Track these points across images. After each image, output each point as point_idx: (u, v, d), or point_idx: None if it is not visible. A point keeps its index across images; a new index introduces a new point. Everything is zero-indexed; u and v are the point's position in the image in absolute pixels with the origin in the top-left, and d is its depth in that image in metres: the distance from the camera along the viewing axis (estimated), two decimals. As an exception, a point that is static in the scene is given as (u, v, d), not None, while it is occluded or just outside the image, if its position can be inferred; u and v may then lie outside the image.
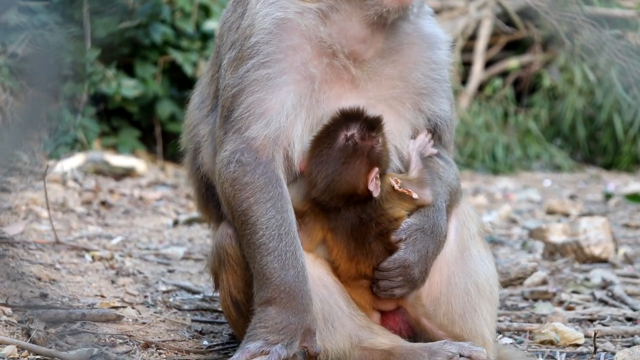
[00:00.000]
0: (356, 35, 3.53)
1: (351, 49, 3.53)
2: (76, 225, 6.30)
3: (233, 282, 3.60)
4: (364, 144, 3.49)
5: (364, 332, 3.53)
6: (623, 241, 6.84)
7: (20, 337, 3.83)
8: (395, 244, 3.52)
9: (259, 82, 3.46)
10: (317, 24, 3.50)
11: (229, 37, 3.61)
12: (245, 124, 3.47)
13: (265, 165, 3.45)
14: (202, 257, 5.77)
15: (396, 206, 3.55)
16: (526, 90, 12.97)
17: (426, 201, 3.57)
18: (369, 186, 3.49)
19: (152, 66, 9.40)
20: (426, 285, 3.63)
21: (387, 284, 3.53)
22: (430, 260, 3.56)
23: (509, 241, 6.87)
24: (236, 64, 3.52)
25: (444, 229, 3.59)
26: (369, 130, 3.49)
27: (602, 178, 11.20)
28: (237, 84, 3.49)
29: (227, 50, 3.59)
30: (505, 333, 4.50)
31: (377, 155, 3.52)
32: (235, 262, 3.57)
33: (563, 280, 5.54)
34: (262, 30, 3.48)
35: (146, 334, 4.09)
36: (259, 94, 3.46)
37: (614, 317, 4.79)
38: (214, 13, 9.45)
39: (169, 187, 8.25)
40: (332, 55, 3.51)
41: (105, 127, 9.41)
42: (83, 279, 4.85)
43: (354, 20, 3.51)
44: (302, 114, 3.49)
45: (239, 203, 3.45)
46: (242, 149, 3.46)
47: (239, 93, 3.48)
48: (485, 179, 10.91)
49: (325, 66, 3.50)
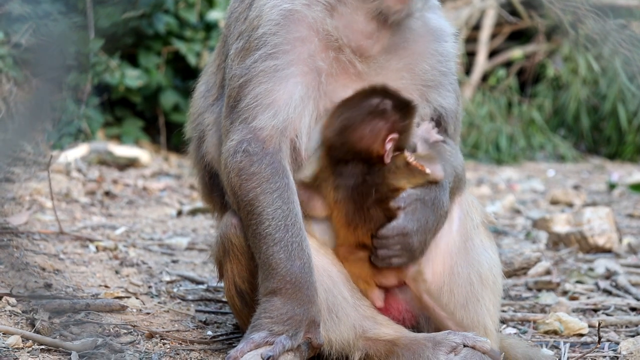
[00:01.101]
0: (362, 30, 3.52)
1: (358, 44, 3.52)
2: (80, 215, 6.31)
3: (237, 271, 3.60)
4: (393, 114, 3.51)
5: (368, 323, 3.53)
6: (627, 231, 6.83)
7: (24, 327, 3.84)
8: (394, 210, 3.51)
9: (267, 73, 3.46)
10: (324, 16, 3.49)
11: (236, 28, 3.61)
12: (253, 114, 3.46)
13: (272, 156, 3.45)
14: (206, 247, 5.77)
15: (401, 179, 3.55)
16: (530, 80, 12.95)
17: (438, 176, 3.56)
18: (383, 150, 3.50)
19: (155, 56, 9.40)
20: (429, 275, 3.62)
21: (385, 253, 3.51)
22: (430, 232, 3.54)
23: (512, 231, 6.86)
24: (243, 54, 3.52)
25: (445, 204, 3.57)
26: (402, 108, 3.52)
27: (605, 168, 11.18)
28: (244, 74, 3.49)
29: (235, 40, 3.58)
30: (509, 323, 4.50)
31: (401, 128, 3.52)
32: (239, 252, 3.56)
33: (567, 270, 5.54)
34: (269, 22, 3.48)
35: (150, 324, 4.09)
36: (267, 85, 3.46)
37: (617, 307, 4.79)
38: (218, 3, 9.43)
39: (173, 177, 8.25)
40: (339, 50, 3.50)
41: (109, 117, 9.41)
42: (87, 269, 4.85)
43: (360, 14, 3.51)
44: (309, 105, 3.49)
45: (245, 193, 3.45)
46: (249, 138, 3.45)
47: (246, 83, 3.48)
48: (489, 169, 10.90)
49: (331, 60, 3.49)
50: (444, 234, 3.65)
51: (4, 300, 4.07)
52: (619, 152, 11.86)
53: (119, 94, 9.18)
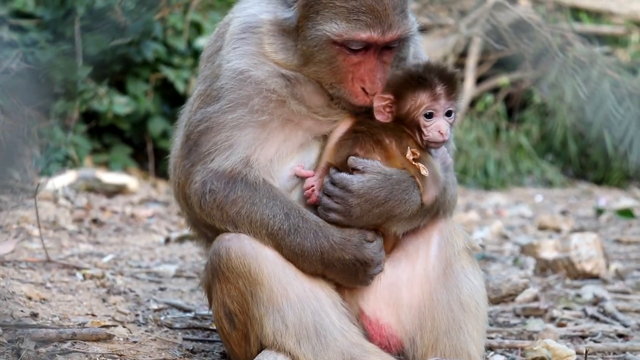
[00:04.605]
0: (319, 104, 3.66)
1: (316, 105, 3.65)
2: (67, 243, 6.28)
3: (227, 291, 3.60)
4: (425, 99, 3.57)
5: (356, 350, 3.53)
6: (614, 257, 6.85)
7: (10, 357, 3.81)
8: (351, 168, 3.56)
9: (225, 124, 3.62)
10: (280, 84, 3.62)
11: (204, 68, 3.80)
12: (212, 157, 3.62)
13: (242, 180, 3.58)
14: (194, 274, 5.75)
15: (396, 155, 3.59)
16: (517, 106, 13.01)
17: (429, 197, 3.60)
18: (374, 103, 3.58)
19: (143, 83, 9.41)
20: (406, 297, 3.66)
21: (326, 202, 3.56)
22: (378, 207, 3.54)
23: (500, 257, 6.87)
24: (204, 99, 3.69)
25: (410, 197, 3.55)
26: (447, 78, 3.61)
27: (593, 193, 11.22)
28: (205, 121, 3.65)
29: (201, 80, 3.77)
30: (497, 350, 4.49)
31: (413, 120, 3.58)
32: (227, 270, 3.57)
33: (554, 296, 5.54)
34: (226, 76, 3.65)
35: (137, 353, 4.07)
36: (226, 133, 3.61)
37: (605, 333, 4.79)
38: (206, 30, 9.47)
39: (161, 204, 8.24)
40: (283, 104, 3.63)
41: (96, 144, 9.40)
42: (74, 297, 4.83)
43: (315, 93, 3.64)
44: (273, 138, 3.62)
45: (236, 215, 3.58)
46: (211, 177, 3.60)
47: (207, 130, 3.64)
48: (477, 195, 10.93)
49: (281, 112, 3.63)
50: (420, 258, 3.68)
51: (-10, 330, 4.05)
52: (606, 178, 11.92)
53: (107, 120, 9.18)
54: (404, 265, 3.71)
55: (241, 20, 3.69)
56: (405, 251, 3.71)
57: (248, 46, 3.64)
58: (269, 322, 3.52)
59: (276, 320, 3.51)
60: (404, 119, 3.58)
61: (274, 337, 3.51)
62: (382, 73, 3.56)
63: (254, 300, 3.53)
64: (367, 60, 3.53)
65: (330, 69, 3.55)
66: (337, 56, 3.52)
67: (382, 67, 3.56)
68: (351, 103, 3.59)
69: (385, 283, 3.70)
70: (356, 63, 3.53)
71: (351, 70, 3.53)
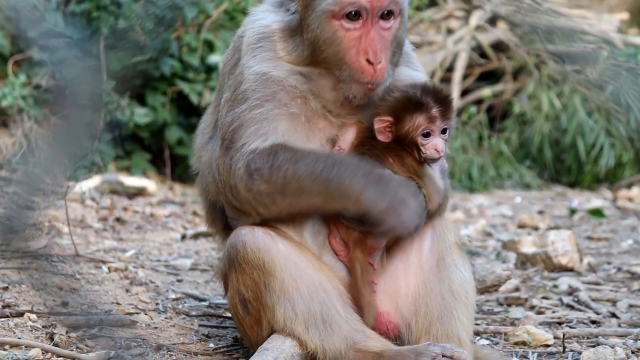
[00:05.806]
0: (333, 100, 3.61)
1: (328, 102, 3.61)
2: (94, 239, 6.29)
3: (242, 280, 3.59)
4: (423, 121, 3.54)
5: (358, 335, 3.54)
6: (587, 252, 6.85)
7: (44, 341, 3.83)
8: None
9: (254, 118, 3.56)
10: (299, 81, 3.59)
11: (226, 79, 3.74)
12: (248, 144, 3.54)
13: (282, 148, 3.50)
14: (208, 267, 5.76)
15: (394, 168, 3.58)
16: (498, 116, 12.99)
17: (434, 205, 3.62)
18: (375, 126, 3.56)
19: (161, 96, 9.41)
20: (403, 286, 3.66)
21: None
22: None
23: (484, 252, 6.87)
24: (231, 104, 3.63)
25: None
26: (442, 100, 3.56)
27: (567, 195, 11.22)
28: (235, 120, 3.59)
29: (225, 90, 3.71)
30: (482, 335, 4.50)
31: (411, 139, 3.55)
32: (243, 261, 3.56)
33: (534, 287, 5.55)
34: (249, 80, 3.60)
35: (158, 338, 4.08)
36: (257, 125, 3.55)
37: (580, 320, 4.80)
38: (218, 48, 9.47)
39: (177, 204, 8.25)
40: (305, 99, 3.59)
41: (119, 151, 9.40)
42: (100, 288, 4.84)
43: (329, 88, 3.59)
44: (300, 132, 3.57)
45: (283, 180, 3.47)
46: (252, 158, 3.51)
47: (238, 128, 3.58)
48: (462, 197, 10.92)
49: (300, 106, 3.58)
50: (415, 251, 3.69)
51: (26, 317, 4.06)
52: (579, 181, 11.90)
53: (129, 130, 9.18)
54: (400, 258, 3.72)
55: (255, 30, 3.68)
56: (401, 246, 3.73)
57: (265, 52, 3.62)
58: (280, 310, 3.52)
59: (287, 308, 3.52)
60: (403, 139, 3.57)
61: (285, 323, 3.52)
62: (382, 45, 3.49)
63: (267, 290, 3.53)
64: (366, 32, 3.48)
65: (334, 50, 3.50)
66: (337, 33, 3.48)
67: (382, 39, 3.50)
68: (359, 81, 3.51)
69: (384, 275, 3.71)
70: (357, 37, 3.48)
71: (353, 45, 3.48)
